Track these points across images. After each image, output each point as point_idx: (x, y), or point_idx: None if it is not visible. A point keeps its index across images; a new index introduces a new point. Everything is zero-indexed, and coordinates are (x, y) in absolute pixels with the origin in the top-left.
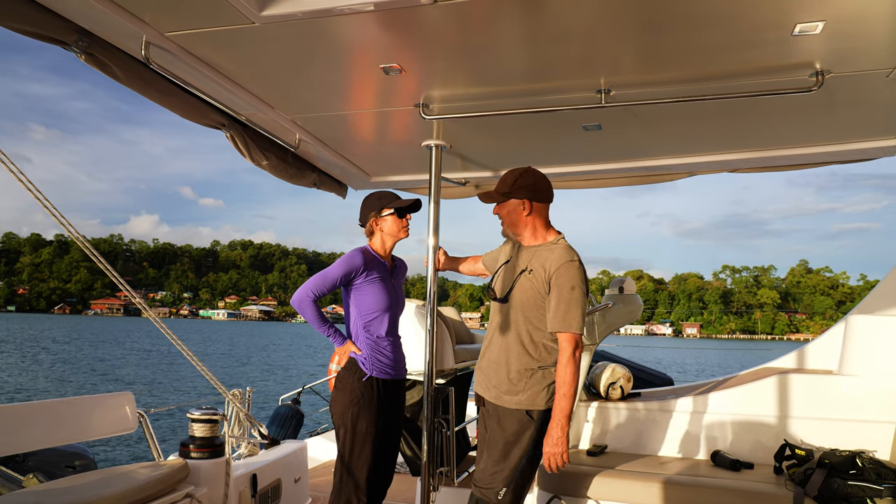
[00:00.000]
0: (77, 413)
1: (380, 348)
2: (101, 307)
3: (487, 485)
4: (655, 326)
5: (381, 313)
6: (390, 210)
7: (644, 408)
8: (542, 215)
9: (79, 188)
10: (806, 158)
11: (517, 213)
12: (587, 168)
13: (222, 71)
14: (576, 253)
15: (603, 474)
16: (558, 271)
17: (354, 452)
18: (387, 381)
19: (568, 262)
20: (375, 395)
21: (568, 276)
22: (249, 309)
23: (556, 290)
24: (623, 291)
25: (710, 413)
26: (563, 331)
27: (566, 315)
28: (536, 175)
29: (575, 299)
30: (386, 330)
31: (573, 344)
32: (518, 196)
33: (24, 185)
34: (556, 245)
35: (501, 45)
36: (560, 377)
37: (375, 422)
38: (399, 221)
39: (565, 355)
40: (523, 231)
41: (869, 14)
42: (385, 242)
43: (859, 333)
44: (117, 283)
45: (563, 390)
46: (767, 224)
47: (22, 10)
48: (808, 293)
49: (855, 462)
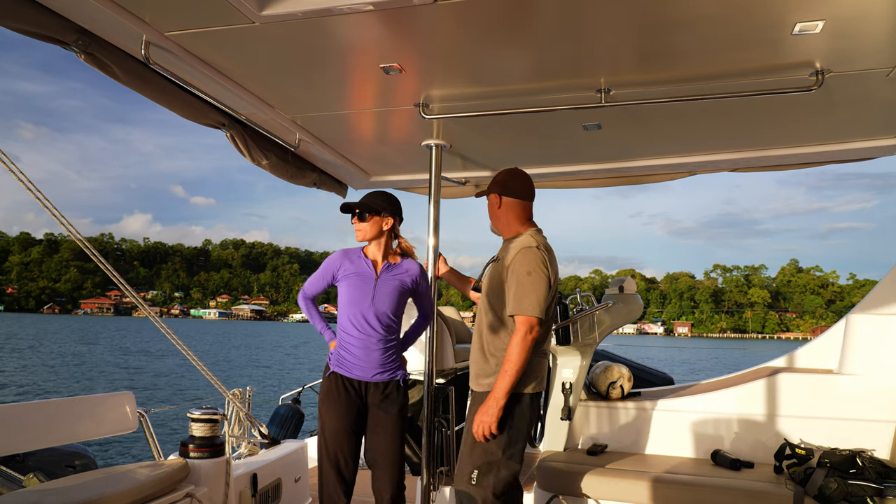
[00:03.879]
0: (77, 413)
1: (345, 345)
2: (91, 307)
3: (460, 473)
4: (647, 325)
5: (350, 311)
6: None
7: (644, 407)
8: (515, 210)
9: (69, 186)
10: (806, 158)
11: (492, 207)
12: (587, 168)
13: (222, 70)
14: (540, 241)
15: (603, 473)
16: (516, 257)
17: (322, 446)
18: (352, 380)
19: (526, 248)
20: (340, 391)
21: (525, 261)
22: (241, 308)
23: (514, 274)
24: (623, 291)
25: (711, 412)
26: (518, 313)
27: (522, 298)
28: (513, 172)
29: (531, 283)
30: (354, 328)
31: (526, 326)
32: (490, 191)
33: (25, 186)
34: (522, 236)
35: (501, 44)
36: (507, 355)
37: (341, 417)
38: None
39: (517, 336)
40: (498, 225)
41: (869, 13)
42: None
43: (859, 333)
44: (115, 281)
45: (506, 367)
46: (759, 223)
47: (22, 10)
48: (799, 292)
49: (855, 461)
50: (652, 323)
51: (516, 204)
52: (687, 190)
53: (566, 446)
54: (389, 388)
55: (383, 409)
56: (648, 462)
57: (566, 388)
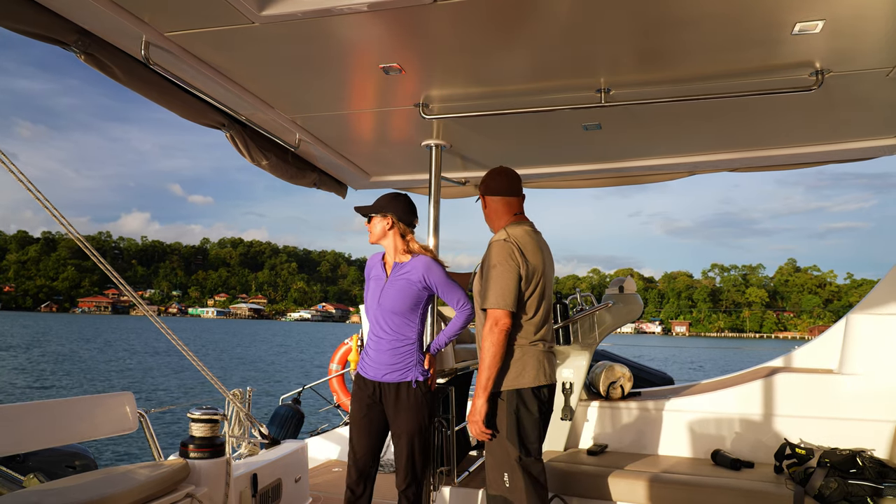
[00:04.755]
0: (77, 413)
1: (366, 346)
2: (88, 305)
3: (491, 477)
4: (645, 325)
5: (368, 314)
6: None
7: (644, 407)
8: (499, 207)
9: (67, 185)
10: (806, 157)
11: (483, 209)
12: (587, 167)
13: (222, 71)
14: (513, 233)
15: (603, 474)
16: (487, 251)
17: (349, 439)
18: (367, 380)
19: (494, 242)
20: (360, 389)
21: (492, 255)
22: (239, 307)
23: (484, 270)
24: (623, 291)
25: (711, 412)
26: (485, 307)
27: (487, 292)
28: (494, 171)
29: (496, 276)
30: (371, 329)
31: (492, 319)
32: (484, 191)
33: (25, 186)
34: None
35: (501, 44)
36: (481, 350)
37: (357, 413)
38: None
39: (485, 329)
40: (489, 224)
41: (868, 13)
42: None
43: (859, 332)
44: (114, 280)
45: (481, 363)
46: (757, 223)
47: (22, 11)
48: (796, 292)
49: (855, 461)
50: (650, 322)
51: (499, 201)
52: (685, 189)
53: (566, 446)
54: (401, 390)
55: (396, 410)
56: (648, 462)
57: (566, 388)
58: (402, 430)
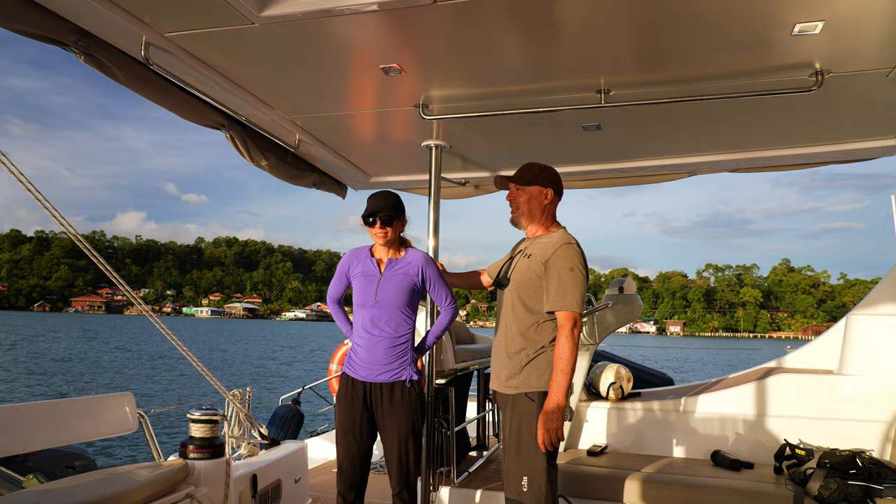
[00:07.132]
0: (77, 413)
1: (354, 346)
2: (82, 305)
3: (511, 480)
4: (640, 325)
5: (357, 312)
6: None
7: (644, 408)
8: (549, 206)
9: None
10: (805, 158)
11: (538, 199)
12: (587, 168)
13: (222, 71)
14: (574, 239)
15: (603, 474)
16: (556, 253)
17: (336, 444)
18: (356, 381)
19: (566, 245)
20: (348, 391)
21: (566, 258)
22: (233, 306)
23: (555, 270)
24: (623, 291)
25: (711, 413)
26: (562, 309)
27: (565, 294)
28: (548, 167)
29: (574, 279)
30: (362, 329)
31: (571, 321)
32: (543, 184)
33: (24, 186)
34: (555, 233)
35: (501, 45)
36: (557, 353)
37: (346, 417)
38: (370, 228)
39: (564, 332)
40: (538, 218)
41: (868, 14)
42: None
43: (859, 333)
44: (113, 279)
45: (560, 365)
46: (751, 223)
47: (22, 11)
48: (790, 292)
49: (855, 462)
50: (644, 322)
51: (553, 197)
52: (680, 189)
53: (566, 447)
54: (395, 389)
55: (389, 411)
56: (648, 463)
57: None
58: (395, 432)
